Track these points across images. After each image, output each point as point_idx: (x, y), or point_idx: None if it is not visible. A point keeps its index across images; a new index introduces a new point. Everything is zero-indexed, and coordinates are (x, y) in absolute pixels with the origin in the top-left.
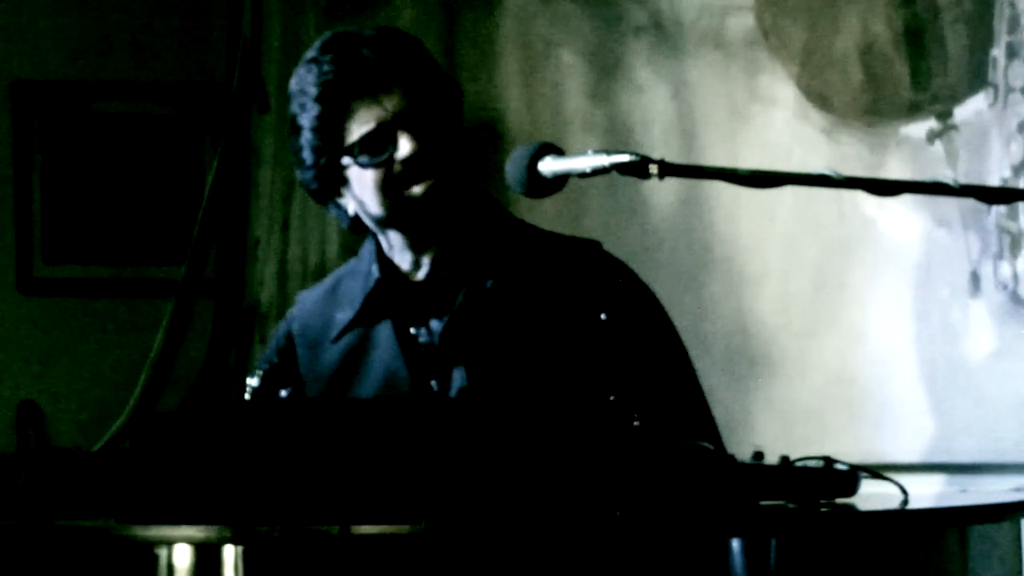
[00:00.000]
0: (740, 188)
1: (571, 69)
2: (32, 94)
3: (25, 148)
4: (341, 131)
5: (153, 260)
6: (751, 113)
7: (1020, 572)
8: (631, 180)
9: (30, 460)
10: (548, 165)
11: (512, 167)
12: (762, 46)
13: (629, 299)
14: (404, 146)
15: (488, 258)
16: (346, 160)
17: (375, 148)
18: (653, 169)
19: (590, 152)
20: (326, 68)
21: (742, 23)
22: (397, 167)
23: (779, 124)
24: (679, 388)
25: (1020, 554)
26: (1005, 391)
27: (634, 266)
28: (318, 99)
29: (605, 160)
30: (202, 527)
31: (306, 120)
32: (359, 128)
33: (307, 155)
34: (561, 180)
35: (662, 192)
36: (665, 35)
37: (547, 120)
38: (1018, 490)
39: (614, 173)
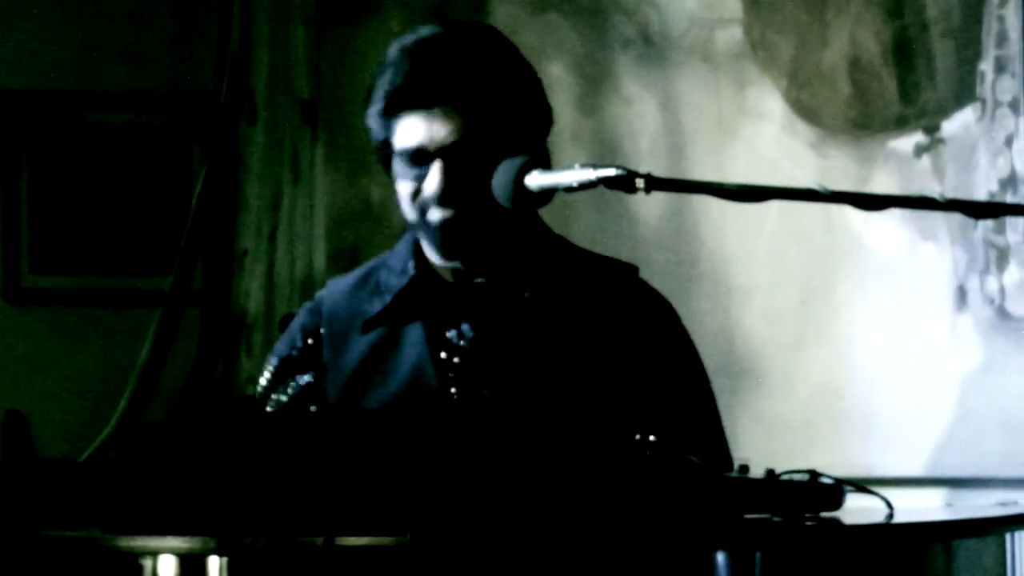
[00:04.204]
0: (727, 201)
1: (559, 81)
2: (20, 103)
3: (13, 158)
4: (392, 132)
5: (140, 270)
6: (739, 126)
7: None
8: (618, 193)
9: (16, 470)
10: (535, 179)
11: (499, 181)
12: (750, 59)
13: (659, 327)
14: (433, 177)
15: (526, 268)
16: (393, 160)
17: (411, 165)
18: (640, 183)
19: (577, 166)
20: (400, 73)
21: (730, 36)
22: (425, 191)
23: (767, 137)
24: (699, 420)
25: (1005, 569)
26: (991, 405)
27: None
28: (385, 98)
29: (592, 174)
30: (187, 538)
31: (372, 109)
32: (404, 139)
33: (373, 131)
34: (548, 194)
35: (649, 205)
36: (653, 48)
37: None
38: (1003, 505)
39: (601, 186)
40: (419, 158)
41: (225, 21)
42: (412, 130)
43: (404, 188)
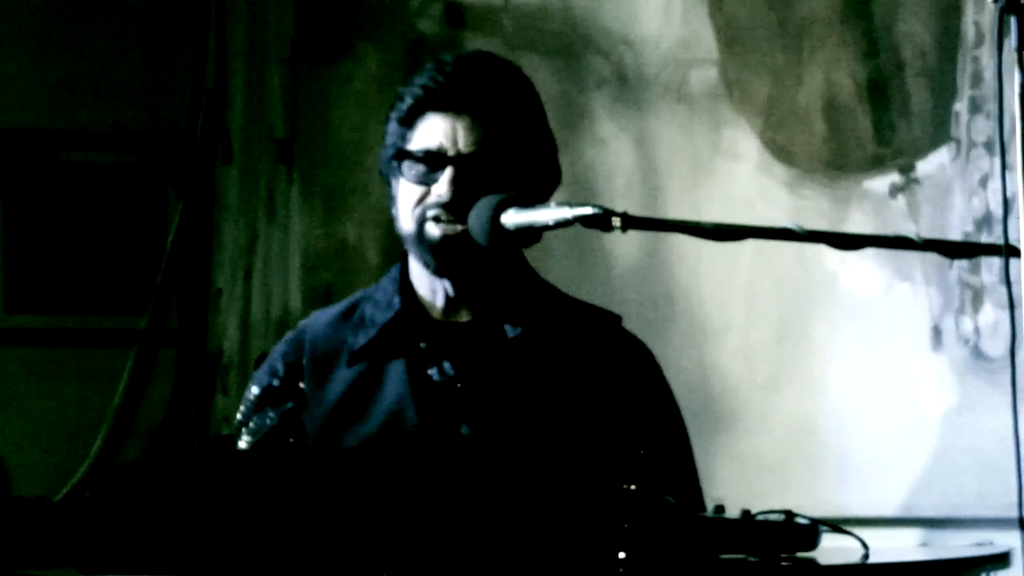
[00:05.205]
0: (703, 241)
1: None
2: None
3: None
4: (410, 135)
5: (115, 310)
6: (714, 166)
7: None
8: (594, 232)
9: None
10: (511, 217)
11: (475, 219)
12: (725, 99)
13: (640, 375)
14: (443, 183)
15: (510, 309)
16: (404, 163)
17: (423, 168)
18: (616, 222)
19: (553, 204)
20: (435, 74)
21: (705, 76)
22: (431, 196)
23: (742, 177)
24: (674, 468)
25: None
26: (966, 446)
27: None
28: (415, 96)
29: (568, 212)
30: None
31: (395, 114)
32: (424, 138)
33: (389, 139)
34: (525, 232)
35: (625, 244)
36: (628, 88)
37: None
38: (979, 545)
39: (578, 225)
40: (433, 161)
41: (200, 60)
42: (434, 130)
43: (409, 192)
